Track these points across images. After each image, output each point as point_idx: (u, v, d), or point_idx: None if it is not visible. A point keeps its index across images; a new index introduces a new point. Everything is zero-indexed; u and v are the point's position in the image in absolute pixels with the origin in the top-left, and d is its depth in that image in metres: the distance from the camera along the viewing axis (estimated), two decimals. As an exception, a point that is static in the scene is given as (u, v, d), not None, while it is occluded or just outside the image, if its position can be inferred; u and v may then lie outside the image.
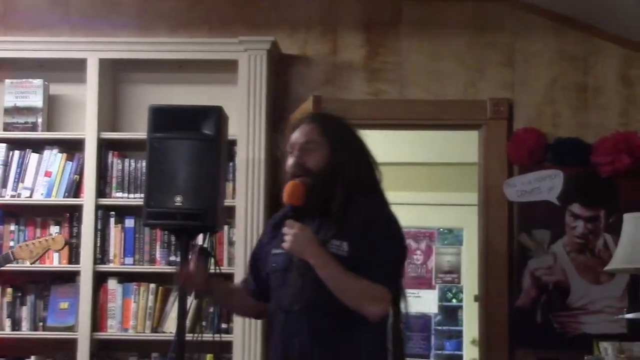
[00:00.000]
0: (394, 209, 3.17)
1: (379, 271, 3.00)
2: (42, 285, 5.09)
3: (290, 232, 3.01)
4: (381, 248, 3.04)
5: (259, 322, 4.76)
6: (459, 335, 10.20)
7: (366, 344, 3.05)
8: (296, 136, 3.17)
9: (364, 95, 5.22)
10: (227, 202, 4.76)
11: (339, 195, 3.06)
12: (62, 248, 4.72)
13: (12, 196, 5.10)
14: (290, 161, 3.15)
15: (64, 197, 5.08)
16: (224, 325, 4.91)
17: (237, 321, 4.82)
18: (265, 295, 3.26)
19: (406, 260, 3.26)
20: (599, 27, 5.13)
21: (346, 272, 2.98)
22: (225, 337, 4.77)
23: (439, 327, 11.02)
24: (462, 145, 6.35)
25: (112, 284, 5.03)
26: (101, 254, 5.02)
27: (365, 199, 3.11)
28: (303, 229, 3.01)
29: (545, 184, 5.04)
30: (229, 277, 4.78)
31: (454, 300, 11.38)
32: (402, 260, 3.18)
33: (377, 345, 3.09)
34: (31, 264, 4.58)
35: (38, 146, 5.15)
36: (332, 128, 3.19)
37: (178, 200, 4.05)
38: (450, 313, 11.23)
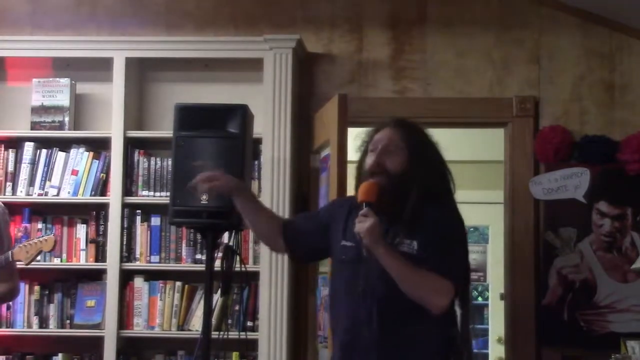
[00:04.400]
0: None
1: (444, 265, 3.14)
2: (70, 283, 5.12)
3: (366, 220, 3.09)
4: (447, 246, 3.18)
5: (285, 321, 4.78)
6: (484, 333, 10.17)
7: (428, 337, 3.20)
8: (379, 137, 3.31)
9: (389, 94, 5.21)
10: (253, 200, 4.76)
11: (411, 201, 3.20)
12: (52, 249, 4.65)
13: (40, 195, 5.13)
14: (370, 159, 3.28)
15: (90, 195, 5.10)
16: (249, 324, 4.92)
17: (263, 319, 4.83)
18: (297, 245, 3.49)
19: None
20: (625, 23, 5.10)
21: (412, 265, 3.11)
22: (251, 335, 4.77)
23: (465, 325, 10.99)
24: (488, 143, 6.32)
25: (139, 282, 5.05)
26: (127, 252, 5.04)
27: (435, 206, 3.24)
28: (377, 221, 3.09)
29: (571, 182, 5.01)
30: (255, 275, 4.79)
31: (479, 299, 11.36)
32: (466, 258, 3.30)
33: (439, 339, 3.23)
34: (26, 264, 4.49)
35: (65, 145, 5.17)
36: (414, 137, 3.32)
37: (203, 198, 4.05)
38: (476, 311, 11.19)
